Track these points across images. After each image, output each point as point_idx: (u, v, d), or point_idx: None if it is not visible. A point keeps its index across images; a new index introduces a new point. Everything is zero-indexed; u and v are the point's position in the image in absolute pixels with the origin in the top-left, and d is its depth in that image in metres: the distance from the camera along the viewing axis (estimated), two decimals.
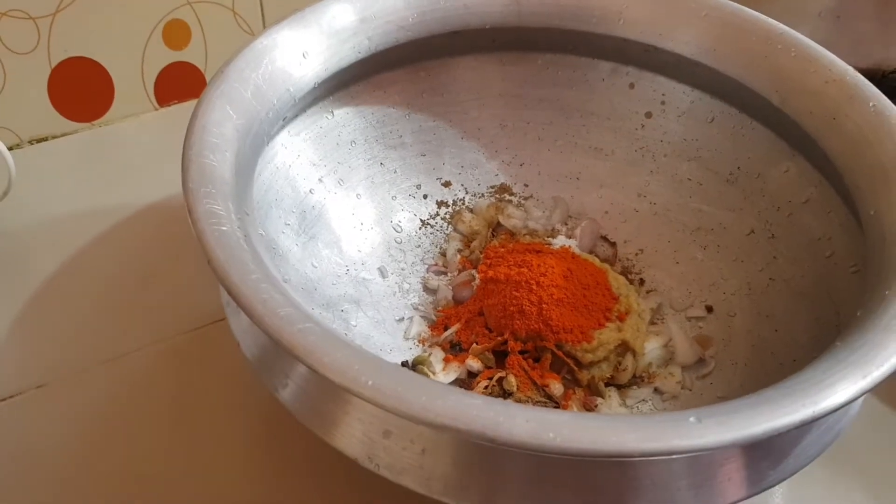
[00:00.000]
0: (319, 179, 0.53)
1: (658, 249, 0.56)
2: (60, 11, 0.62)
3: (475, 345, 0.50)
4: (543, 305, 0.49)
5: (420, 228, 0.57)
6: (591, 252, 0.56)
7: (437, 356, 0.49)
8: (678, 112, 0.56)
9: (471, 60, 0.57)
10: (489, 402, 0.32)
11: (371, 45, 0.51)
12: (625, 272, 0.55)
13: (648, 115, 0.57)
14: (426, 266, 0.56)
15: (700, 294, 0.54)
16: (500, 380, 0.48)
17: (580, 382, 0.49)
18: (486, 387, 0.47)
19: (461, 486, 0.36)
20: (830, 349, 0.36)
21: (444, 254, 0.56)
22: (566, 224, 0.58)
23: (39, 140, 0.67)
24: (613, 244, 0.57)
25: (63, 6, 0.62)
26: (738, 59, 0.52)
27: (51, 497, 0.45)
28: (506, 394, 0.47)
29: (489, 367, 0.49)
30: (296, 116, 0.51)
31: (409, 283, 0.54)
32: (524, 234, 0.57)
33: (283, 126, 0.50)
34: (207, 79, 0.70)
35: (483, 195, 0.59)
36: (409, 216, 0.57)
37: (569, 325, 0.48)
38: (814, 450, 0.39)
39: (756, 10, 0.53)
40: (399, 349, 0.50)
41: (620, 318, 0.50)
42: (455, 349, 0.50)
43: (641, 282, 0.55)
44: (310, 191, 0.52)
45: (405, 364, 0.49)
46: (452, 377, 0.49)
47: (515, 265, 0.51)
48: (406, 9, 0.52)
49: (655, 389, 0.50)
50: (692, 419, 0.31)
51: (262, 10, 0.69)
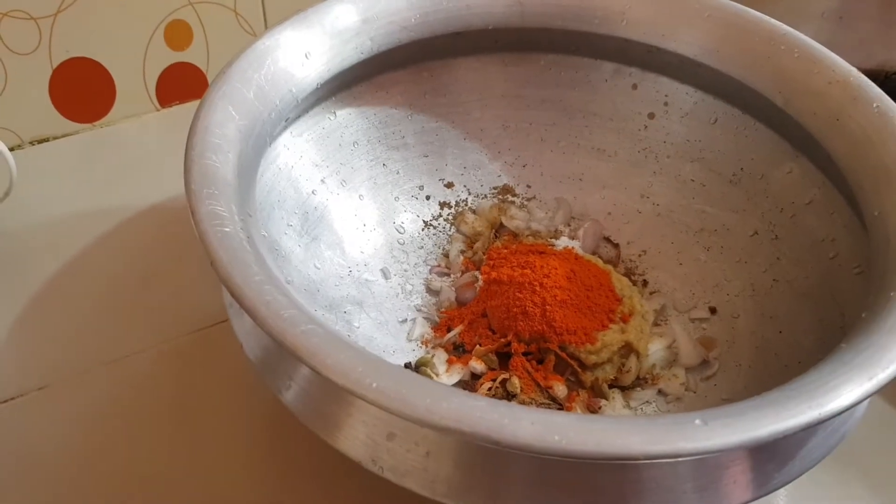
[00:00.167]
0: (322, 180, 0.53)
1: (661, 251, 0.56)
2: (62, 12, 0.62)
3: (478, 346, 0.50)
4: (547, 307, 0.48)
5: (423, 229, 0.57)
6: (595, 253, 0.56)
7: (441, 358, 0.49)
8: (681, 113, 0.56)
9: (473, 61, 0.57)
10: (493, 405, 0.31)
11: (373, 46, 0.51)
12: (628, 273, 0.55)
13: (651, 116, 0.57)
14: (429, 267, 0.56)
15: (703, 295, 0.53)
16: (504, 381, 0.47)
17: (584, 384, 0.49)
18: (490, 388, 0.47)
19: (465, 489, 0.36)
20: (836, 351, 0.36)
21: (447, 255, 0.56)
22: (569, 225, 0.58)
23: (41, 141, 0.67)
24: (616, 245, 0.57)
25: (64, 6, 0.62)
26: (742, 60, 0.51)
27: (52, 499, 0.45)
28: (509, 396, 0.47)
29: (493, 369, 0.49)
30: (298, 117, 0.51)
31: (412, 285, 0.54)
32: (527, 236, 0.57)
33: (286, 127, 0.50)
34: (209, 79, 0.70)
35: (486, 196, 0.59)
36: (412, 217, 0.57)
37: (572, 327, 0.48)
38: (819, 452, 0.39)
39: (759, 11, 0.52)
40: (402, 351, 0.50)
41: (624, 320, 0.50)
42: (458, 351, 0.50)
43: (645, 283, 0.55)
44: (312, 192, 0.52)
45: (408, 366, 0.49)
46: (456, 379, 0.48)
47: (519, 266, 0.51)
48: (409, 9, 0.52)
49: (659, 391, 0.49)
50: (697, 421, 0.31)
51: (264, 11, 0.69)
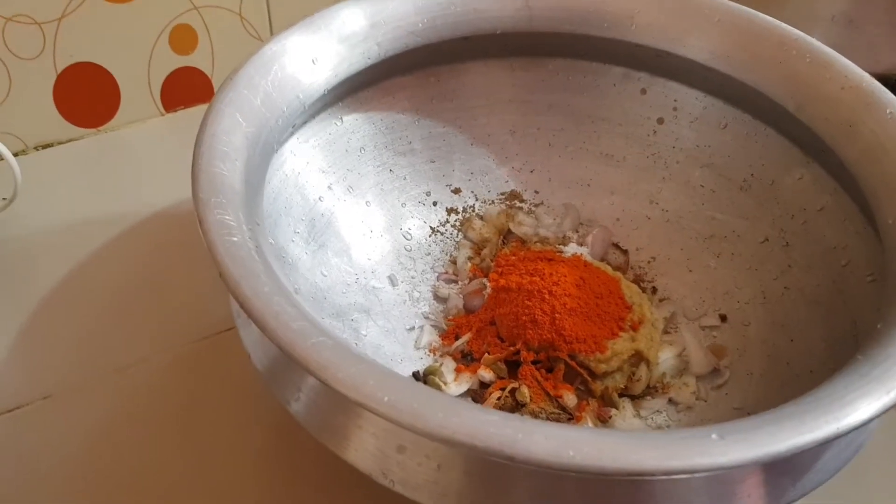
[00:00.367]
0: (328, 187, 0.52)
1: (671, 257, 0.56)
2: (66, 16, 0.61)
3: (487, 355, 0.49)
4: (556, 315, 0.48)
5: (430, 236, 0.57)
6: (603, 260, 0.55)
7: (449, 366, 0.49)
8: (690, 118, 0.55)
9: (481, 66, 0.57)
10: (506, 419, 0.31)
11: (381, 51, 0.51)
12: (637, 280, 0.55)
13: (660, 121, 0.56)
14: (436, 274, 0.55)
15: (714, 303, 0.53)
16: (513, 391, 0.47)
17: (594, 393, 0.48)
18: (499, 398, 0.47)
19: (477, 503, 0.35)
20: (851, 363, 0.36)
21: (455, 261, 0.56)
22: (577, 231, 0.57)
23: (45, 146, 0.66)
24: (625, 252, 0.56)
25: (69, 11, 0.61)
26: (752, 65, 0.51)
27: None
28: (518, 405, 0.47)
29: (501, 378, 0.48)
30: (305, 123, 0.51)
31: (420, 292, 0.54)
32: (535, 242, 0.56)
33: (293, 133, 0.50)
34: (214, 84, 0.70)
35: (493, 202, 0.58)
36: (419, 223, 0.57)
37: (582, 335, 0.48)
38: (834, 464, 0.38)
39: (768, 15, 0.52)
40: (410, 359, 0.50)
41: (634, 328, 0.49)
42: (467, 359, 0.50)
43: (654, 290, 0.55)
44: (319, 198, 0.52)
45: (416, 374, 0.48)
46: (464, 388, 0.48)
47: (527, 274, 0.51)
48: (416, 14, 0.51)
49: (670, 400, 0.49)
50: (714, 436, 0.31)
51: (269, 15, 0.69)
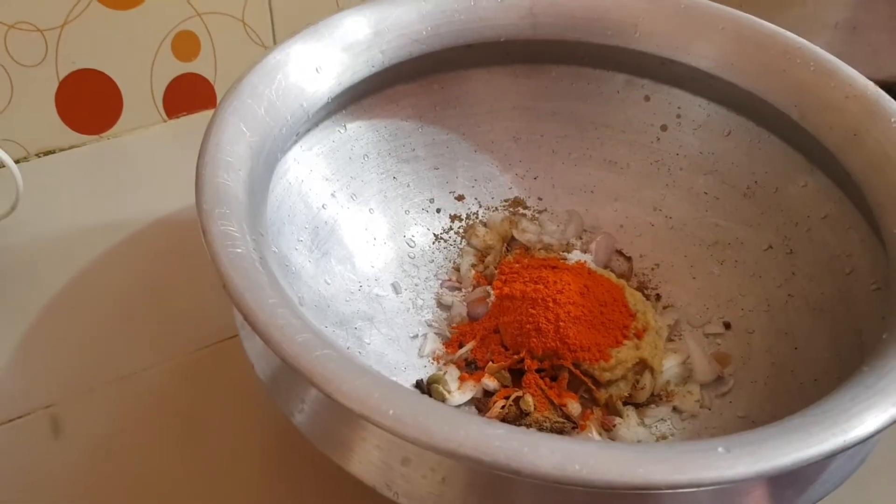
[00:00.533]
0: (332, 194, 0.52)
1: (674, 264, 0.55)
2: (68, 23, 0.61)
3: (491, 363, 0.49)
4: (560, 323, 0.48)
5: (433, 243, 0.56)
6: (607, 267, 0.55)
7: (453, 375, 0.49)
8: (694, 125, 0.55)
9: (484, 73, 0.57)
10: (512, 432, 0.31)
11: (384, 59, 0.51)
12: (641, 287, 0.55)
13: (664, 128, 0.56)
14: (440, 281, 0.55)
15: (717, 310, 0.53)
16: (517, 399, 0.47)
17: (598, 401, 0.48)
18: (503, 406, 0.47)
19: None
20: (857, 374, 0.36)
21: (458, 269, 0.56)
22: (581, 238, 0.57)
23: (47, 153, 0.66)
24: (629, 259, 0.56)
25: (71, 18, 0.61)
26: (756, 73, 0.51)
27: None
28: (522, 413, 0.47)
29: (505, 386, 0.48)
30: (308, 131, 0.51)
31: (423, 300, 0.54)
32: (539, 249, 0.56)
33: (296, 141, 0.50)
34: (217, 90, 0.70)
35: (497, 209, 0.58)
36: (423, 230, 0.56)
37: (586, 344, 0.48)
38: (839, 475, 0.38)
39: (771, 22, 0.52)
40: (413, 367, 0.50)
41: (638, 336, 0.49)
42: (471, 367, 0.50)
43: (658, 297, 0.54)
44: (322, 206, 0.52)
45: (420, 383, 0.48)
46: (468, 396, 0.48)
47: (531, 281, 0.51)
48: (420, 22, 0.51)
49: (674, 408, 0.49)
50: (720, 449, 0.31)
51: (273, 21, 0.69)
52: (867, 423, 0.32)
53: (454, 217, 0.58)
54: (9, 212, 0.58)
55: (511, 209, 0.58)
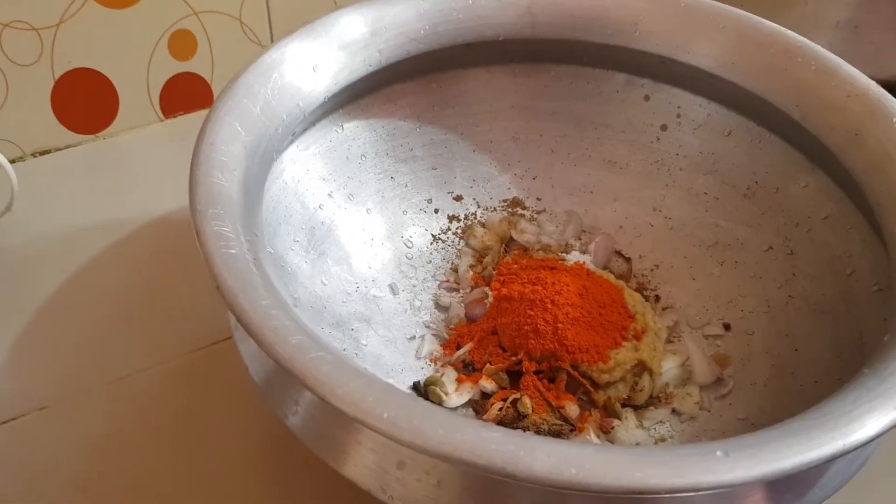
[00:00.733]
0: (329, 194, 0.52)
1: (674, 265, 0.55)
2: (64, 22, 0.61)
3: (489, 365, 0.49)
4: (559, 325, 0.48)
5: (431, 243, 0.56)
6: (606, 268, 0.55)
7: (450, 376, 0.48)
8: (694, 125, 0.55)
9: (483, 72, 0.56)
10: (508, 436, 0.31)
11: (382, 58, 0.50)
12: (640, 288, 0.54)
13: (664, 128, 0.56)
14: (437, 282, 0.55)
15: (717, 311, 0.52)
16: (515, 401, 0.46)
17: (596, 404, 0.48)
18: (501, 409, 0.46)
19: None
20: (858, 377, 0.35)
21: (456, 269, 0.55)
22: (580, 239, 0.57)
23: (43, 153, 0.66)
24: (628, 259, 0.56)
25: (66, 17, 0.61)
26: (757, 72, 0.51)
27: None
28: (520, 416, 0.46)
29: (503, 388, 0.48)
30: (305, 130, 0.50)
31: (421, 301, 0.53)
32: (537, 250, 0.56)
33: (292, 141, 0.49)
34: (214, 89, 0.69)
35: (495, 209, 0.58)
36: (421, 231, 0.56)
37: (585, 345, 0.47)
38: (839, 479, 0.38)
39: (772, 21, 0.52)
40: (410, 369, 0.49)
41: (637, 337, 0.49)
42: (468, 369, 0.49)
43: (657, 298, 0.54)
44: (319, 206, 0.51)
45: (417, 385, 0.48)
46: (466, 398, 0.48)
47: (529, 282, 0.50)
48: (418, 21, 0.51)
49: (673, 410, 0.48)
50: (719, 453, 0.31)
51: (270, 20, 0.68)
52: (868, 427, 0.32)
53: (452, 217, 0.57)
54: (4, 212, 0.57)
55: (509, 210, 0.58)
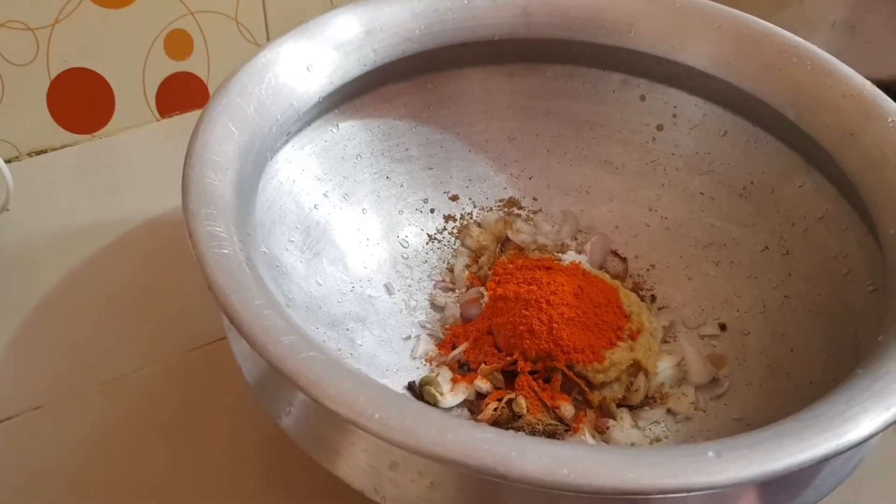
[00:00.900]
0: (324, 194, 0.52)
1: (670, 265, 0.55)
2: (59, 22, 0.61)
3: (484, 365, 0.49)
4: (554, 325, 0.47)
5: (427, 243, 0.56)
6: (602, 268, 0.55)
7: (445, 376, 0.48)
8: (690, 125, 0.55)
9: (478, 72, 0.56)
10: (500, 436, 0.31)
11: (377, 58, 0.50)
12: (636, 288, 0.54)
13: (660, 128, 0.56)
14: (433, 282, 0.54)
15: (713, 311, 0.52)
16: (510, 401, 0.46)
17: (591, 404, 0.48)
18: (496, 409, 0.46)
19: None
20: (852, 377, 0.35)
21: (452, 269, 0.55)
22: (576, 239, 0.57)
23: (38, 152, 0.66)
24: (624, 259, 0.56)
25: (62, 16, 0.61)
26: (753, 72, 0.50)
27: None
28: (515, 416, 0.46)
29: (498, 388, 0.48)
30: (300, 130, 0.50)
31: (416, 300, 0.53)
32: (533, 249, 0.56)
33: (287, 140, 0.49)
34: (210, 89, 0.69)
35: (491, 209, 0.58)
36: (416, 231, 0.56)
37: (580, 345, 0.47)
38: (833, 480, 0.38)
39: (768, 21, 0.51)
40: (406, 369, 0.49)
41: (632, 337, 0.49)
42: (463, 369, 0.49)
43: (653, 298, 0.54)
44: (314, 206, 0.51)
45: (412, 384, 0.48)
46: (461, 398, 0.47)
47: (525, 282, 0.50)
48: (413, 20, 0.51)
49: (668, 410, 0.48)
50: (711, 454, 0.30)
51: (266, 20, 0.68)
52: (861, 427, 0.32)
53: (448, 217, 0.57)
54: (0, 211, 0.57)
55: (506, 209, 0.58)
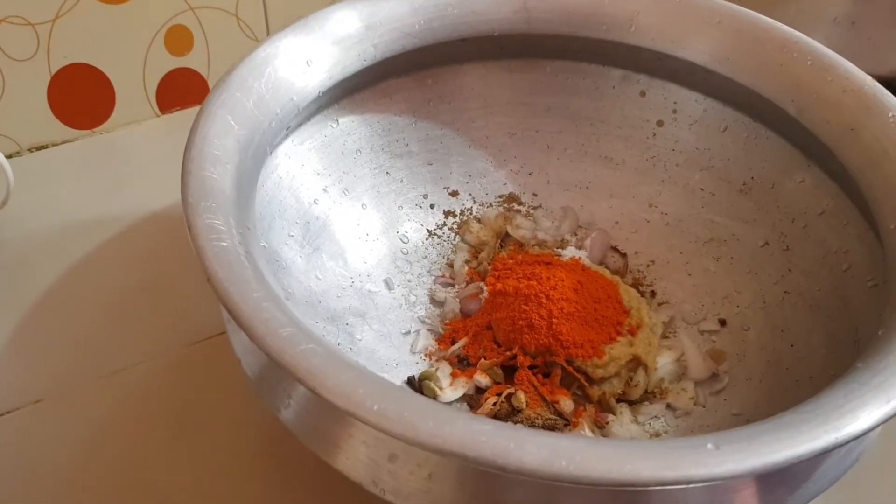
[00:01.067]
0: (324, 189, 0.52)
1: (669, 261, 0.55)
2: (60, 17, 0.61)
3: (483, 359, 0.49)
4: (553, 320, 0.47)
5: (427, 239, 0.56)
6: (602, 263, 0.55)
7: (445, 371, 0.48)
8: (690, 120, 0.55)
9: (478, 68, 0.56)
10: (499, 428, 0.30)
11: (377, 53, 0.50)
12: (636, 284, 0.54)
13: (660, 124, 0.56)
14: (433, 277, 0.54)
15: (713, 307, 0.52)
16: (509, 396, 0.46)
17: (591, 398, 0.48)
18: (495, 403, 0.46)
19: None
20: (851, 371, 0.35)
21: (452, 265, 0.55)
22: (576, 234, 0.57)
23: (39, 148, 0.66)
24: (624, 255, 0.56)
25: (63, 12, 0.61)
26: (753, 68, 0.50)
27: None
28: (515, 410, 0.46)
29: (498, 383, 0.48)
30: (300, 125, 0.50)
31: (416, 296, 0.53)
32: (533, 245, 0.56)
33: (287, 135, 0.49)
34: (210, 85, 0.69)
35: (491, 205, 0.58)
36: (416, 226, 0.56)
37: (579, 340, 0.47)
38: (833, 474, 0.37)
39: (769, 16, 0.51)
40: (405, 364, 0.49)
41: (632, 332, 0.49)
42: (463, 364, 0.49)
43: (653, 294, 0.54)
44: (314, 201, 0.51)
45: (411, 379, 0.48)
46: (460, 393, 0.47)
47: (524, 277, 0.50)
48: (412, 15, 0.51)
49: (668, 405, 0.48)
50: (710, 446, 0.30)
51: (266, 16, 0.68)
52: (860, 421, 0.32)
53: (448, 213, 0.57)
54: (0, 207, 0.57)
55: (505, 205, 0.58)
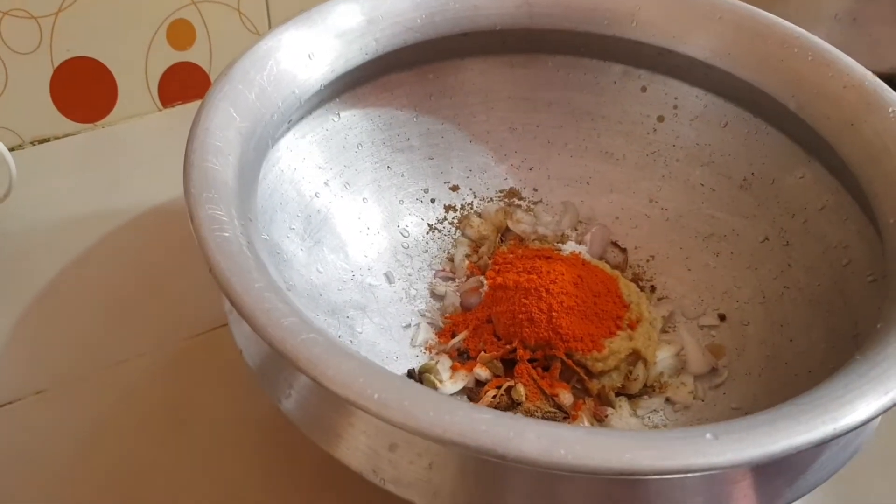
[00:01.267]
0: (325, 183, 0.52)
1: (669, 256, 0.55)
2: (63, 11, 0.61)
3: (483, 353, 0.49)
4: (553, 313, 0.48)
5: (427, 233, 0.56)
6: (602, 258, 0.55)
7: (445, 364, 0.49)
8: (691, 116, 0.55)
9: (480, 62, 0.56)
10: (499, 417, 0.31)
11: (378, 47, 0.50)
12: (636, 279, 0.54)
13: (660, 119, 0.56)
14: (433, 271, 0.55)
15: (712, 302, 0.52)
16: (509, 389, 0.47)
17: (590, 392, 0.48)
18: (495, 396, 0.46)
19: (469, 502, 0.35)
20: (850, 363, 0.35)
21: (452, 259, 0.55)
22: (576, 229, 0.57)
23: (41, 141, 0.66)
24: (624, 250, 0.56)
25: (65, 5, 0.61)
26: (754, 63, 0.50)
27: None
28: (514, 403, 0.46)
29: (497, 376, 0.48)
30: (301, 118, 0.50)
31: (416, 289, 0.53)
32: (533, 240, 0.56)
33: (289, 128, 0.49)
34: (212, 79, 0.69)
35: (492, 199, 0.58)
36: (417, 220, 0.56)
37: (579, 334, 0.47)
38: (832, 466, 0.38)
39: (770, 13, 0.52)
40: (405, 357, 0.49)
41: (631, 327, 0.49)
42: (463, 357, 0.49)
43: (653, 289, 0.54)
44: (315, 194, 0.51)
45: (411, 372, 0.48)
46: (460, 386, 0.48)
47: (525, 272, 0.50)
48: (414, 10, 0.51)
49: (667, 399, 0.48)
50: (708, 436, 0.30)
51: (268, 10, 0.68)
52: (858, 412, 0.32)
53: (448, 207, 0.57)
54: (2, 200, 0.57)
55: (506, 200, 0.58)
